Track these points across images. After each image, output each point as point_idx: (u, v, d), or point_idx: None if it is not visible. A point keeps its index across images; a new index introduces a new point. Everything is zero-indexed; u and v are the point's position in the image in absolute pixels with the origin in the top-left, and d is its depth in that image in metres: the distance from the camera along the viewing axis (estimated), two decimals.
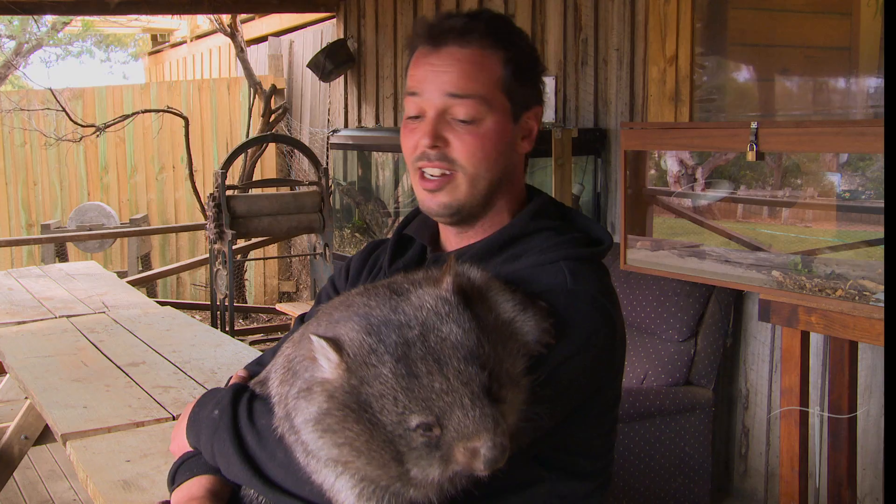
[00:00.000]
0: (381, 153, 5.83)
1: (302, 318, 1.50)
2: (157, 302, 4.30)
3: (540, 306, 1.19)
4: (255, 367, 1.43)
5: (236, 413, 1.26)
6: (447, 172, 1.35)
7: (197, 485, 1.27)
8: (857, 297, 2.57)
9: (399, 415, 1.00)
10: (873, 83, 3.24)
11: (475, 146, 1.34)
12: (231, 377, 1.47)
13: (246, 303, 8.03)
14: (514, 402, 1.07)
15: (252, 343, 5.93)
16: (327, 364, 1.04)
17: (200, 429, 1.30)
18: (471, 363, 1.02)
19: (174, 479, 1.32)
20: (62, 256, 8.09)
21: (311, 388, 1.06)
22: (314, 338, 1.04)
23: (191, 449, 1.35)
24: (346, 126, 6.60)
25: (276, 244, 7.89)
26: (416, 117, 1.36)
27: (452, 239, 1.44)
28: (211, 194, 5.37)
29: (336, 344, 1.03)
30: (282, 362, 1.18)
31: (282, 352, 1.22)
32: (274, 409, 1.18)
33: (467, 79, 1.32)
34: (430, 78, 1.34)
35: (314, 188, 5.77)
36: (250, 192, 6.18)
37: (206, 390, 1.45)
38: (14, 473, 3.58)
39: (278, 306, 6.87)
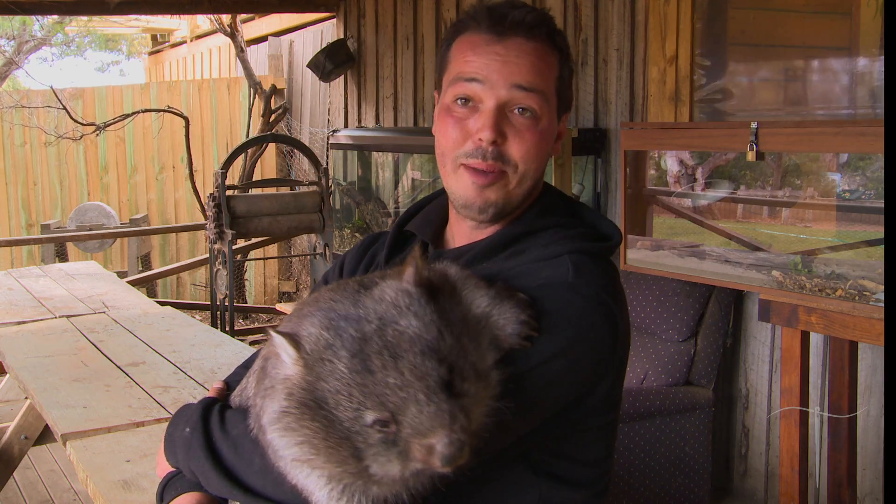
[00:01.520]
0: (381, 153, 5.84)
1: None
2: (157, 302, 4.30)
3: (519, 298, 1.15)
4: (242, 371, 1.41)
5: (208, 427, 1.24)
6: (497, 170, 1.29)
7: (182, 503, 1.27)
8: (857, 297, 2.57)
9: (354, 411, 0.97)
10: (873, 83, 3.24)
11: (532, 143, 1.29)
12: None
13: (246, 303, 8.03)
14: (480, 397, 1.03)
15: (252, 343, 5.92)
16: (288, 360, 1.02)
17: (176, 449, 1.29)
18: (428, 357, 0.99)
19: (162, 498, 1.32)
20: (62, 256, 8.09)
21: (275, 387, 1.04)
22: (274, 334, 1.03)
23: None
24: (346, 126, 6.60)
25: (276, 244, 7.90)
26: (466, 101, 1.30)
27: (466, 234, 1.37)
28: (211, 194, 5.37)
29: (294, 340, 1.01)
30: (259, 363, 1.17)
31: (262, 354, 1.20)
32: (249, 414, 1.16)
33: (535, 72, 1.28)
34: (496, 67, 1.28)
35: (314, 188, 5.77)
36: (250, 192, 6.18)
37: (205, 390, 1.44)
38: (14, 473, 3.58)
39: (278, 306, 6.87)
